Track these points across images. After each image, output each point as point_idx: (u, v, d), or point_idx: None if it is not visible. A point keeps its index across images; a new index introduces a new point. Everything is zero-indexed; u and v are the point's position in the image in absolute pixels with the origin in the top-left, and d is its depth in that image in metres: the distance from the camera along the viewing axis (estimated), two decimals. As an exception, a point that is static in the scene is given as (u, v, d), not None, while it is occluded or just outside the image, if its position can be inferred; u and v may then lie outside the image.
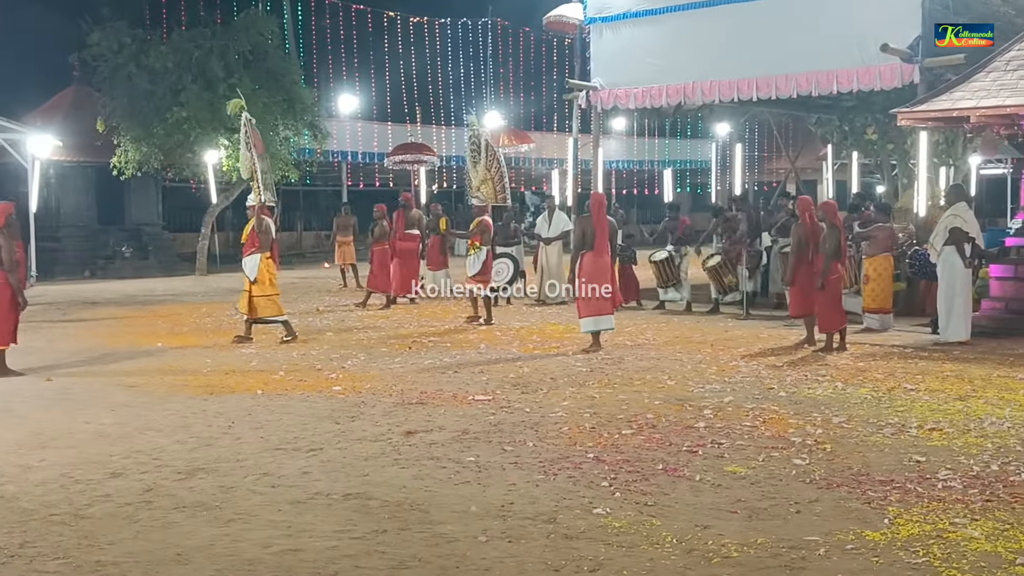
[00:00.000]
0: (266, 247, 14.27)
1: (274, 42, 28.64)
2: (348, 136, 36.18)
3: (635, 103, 20.27)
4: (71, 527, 6.07)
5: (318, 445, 8.04)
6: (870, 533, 5.79)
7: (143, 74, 26.26)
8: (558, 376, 11.07)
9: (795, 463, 7.30)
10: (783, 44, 17.80)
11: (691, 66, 19.02)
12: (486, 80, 45.41)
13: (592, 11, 20.32)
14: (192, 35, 27.28)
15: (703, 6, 18.78)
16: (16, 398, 10.25)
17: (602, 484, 6.78)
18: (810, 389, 10.16)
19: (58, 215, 29.43)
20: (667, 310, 17.38)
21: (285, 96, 27.63)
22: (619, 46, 20.04)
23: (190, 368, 12.04)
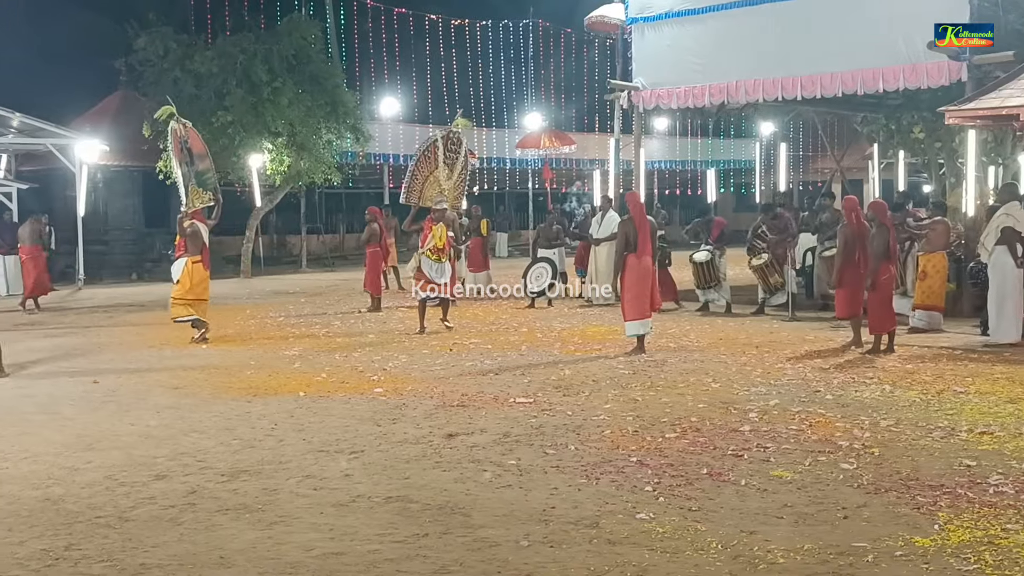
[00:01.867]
0: (194, 252, 14.66)
1: (317, 46, 28.79)
2: (390, 138, 36.32)
3: (677, 103, 20.14)
4: (116, 529, 6.08)
5: (360, 447, 8.03)
6: (920, 539, 5.67)
7: (188, 78, 26.51)
8: (600, 379, 10.98)
9: (842, 467, 7.18)
10: (828, 42, 17.60)
11: (734, 65, 18.86)
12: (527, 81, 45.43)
13: (634, 11, 20.21)
14: (237, 40, 27.52)
15: (746, 5, 18.60)
16: (63, 400, 10.34)
17: (646, 488, 6.70)
18: (857, 392, 10.01)
19: (105, 219, 29.78)
20: (710, 311, 17.23)
21: (328, 99, 27.81)
22: (661, 46, 19.92)
23: (234, 370, 12.10)
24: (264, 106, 26.26)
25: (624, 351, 12.92)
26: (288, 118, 26.62)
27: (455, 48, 43.09)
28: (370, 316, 18.02)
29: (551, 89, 45.58)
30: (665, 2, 19.74)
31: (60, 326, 17.33)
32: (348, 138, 29.41)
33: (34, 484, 7.09)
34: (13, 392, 10.93)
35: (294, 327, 16.54)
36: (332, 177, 29.14)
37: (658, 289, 13.54)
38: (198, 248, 14.79)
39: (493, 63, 44.28)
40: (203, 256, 14.88)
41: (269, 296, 22.45)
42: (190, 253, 14.74)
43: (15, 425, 9.15)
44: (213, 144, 26.18)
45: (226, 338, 15.25)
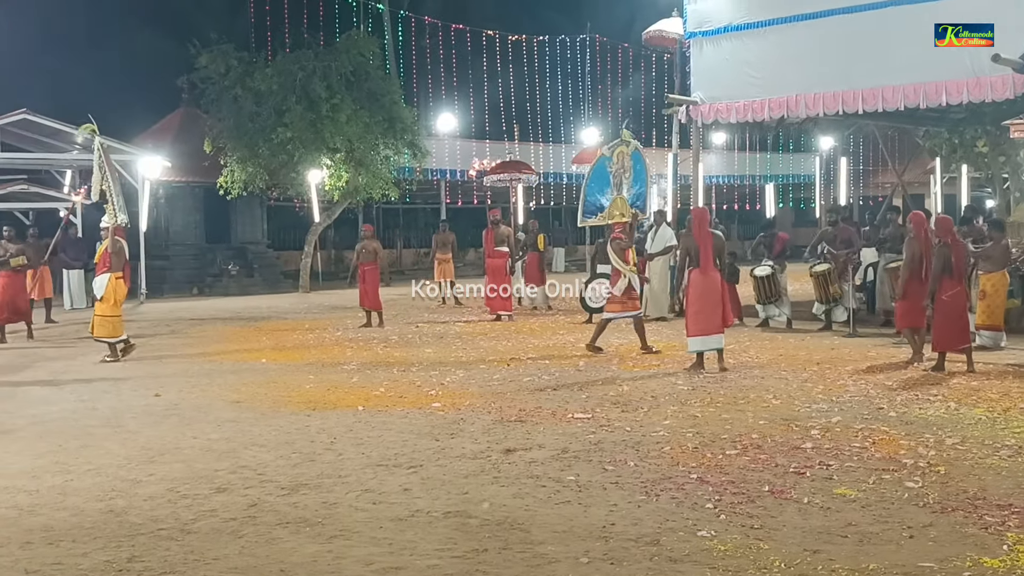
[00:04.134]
0: (117, 268, 14.75)
1: (375, 62, 28.99)
2: (447, 154, 36.50)
3: (736, 117, 20.00)
4: (178, 542, 6.13)
5: (418, 462, 8.03)
6: (988, 560, 5.56)
7: (249, 96, 26.84)
8: (659, 394, 10.90)
9: (907, 486, 7.06)
10: (889, 55, 17.39)
11: (794, 79, 18.70)
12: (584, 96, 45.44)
13: (692, 25, 20.13)
14: (296, 57, 27.80)
15: (805, 18, 18.44)
16: (127, 414, 10.48)
17: (706, 506, 6.63)
18: (921, 409, 9.84)
19: (167, 234, 30.19)
20: (770, 327, 17.07)
21: (385, 116, 27.99)
22: (720, 60, 19.81)
23: (293, 384, 12.18)
24: (323, 122, 26.49)
25: (681, 366, 12.84)
26: (346, 134, 26.82)
27: (512, 63, 43.26)
28: (427, 330, 18.06)
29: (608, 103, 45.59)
30: (724, 16, 19.65)
31: (123, 340, 17.58)
32: (406, 154, 29.57)
33: (97, 496, 7.18)
34: (77, 405, 11.09)
35: (352, 341, 16.62)
36: (389, 192, 29.33)
37: (730, 305, 13.34)
38: (122, 264, 14.94)
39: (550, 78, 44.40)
40: (124, 272, 15.04)
41: (327, 311, 22.60)
42: (114, 269, 14.78)
43: (79, 438, 9.28)
44: (272, 160, 26.59)
45: (285, 352, 15.37)
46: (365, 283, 19.07)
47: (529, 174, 28.60)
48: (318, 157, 27.00)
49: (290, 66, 27.19)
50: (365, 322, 19.02)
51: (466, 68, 42.39)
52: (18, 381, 13.08)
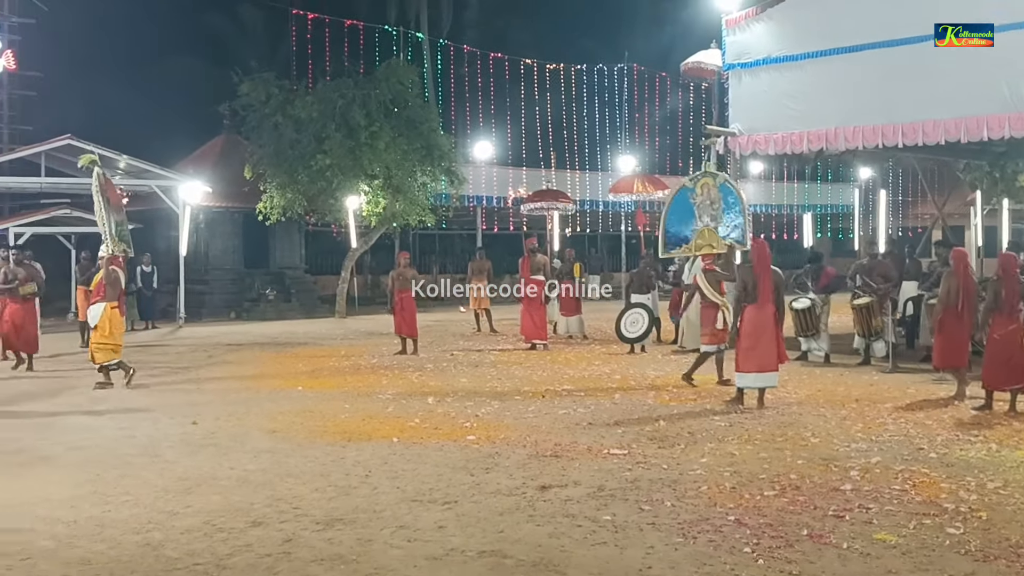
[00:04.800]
0: (112, 297, 14.83)
1: (414, 90, 29.11)
2: (483, 181, 36.56)
3: (775, 149, 19.93)
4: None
5: (453, 497, 8.00)
6: (1032, 612, 5.46)
7: (289, 123, 27.05)
8: (696, 431, 10.80)
9: (948, 532, 6.94)
10: (930, 88, 17.27)
11: (833, 111, 18.62)
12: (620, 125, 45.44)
13: (731, 57, 20.11)
14: (336, 85, 28.01)
15: (845, 51, 18.35)
16: (164, 442, 10.52)
17: (744, 550, 6.54)
18: (962, 450, 9.69)
19: (206, 259, 30.41)
20: (808, 361, 16.89)
21: (423, 143, 28.11)
22: (759, 92, 19.76)
23: (329, 413, 12.20)
24: (361, 150, 26.63)
25: (719, 402, 12.74)
26: (384, 161, 26.95)
27: (549, 92, 43.34)
28: (462, 358, 18.05)
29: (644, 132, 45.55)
30: (763, 48, 19.61)
31: (160, 365, 17.66)
32: (443, 180, 29.65)
33: (135, 528, 7.19)
34: (115, 432, 11.15)
35: (387, 369, 16.63)
36: (426, 219, 29.40)
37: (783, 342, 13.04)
38: (116, 294, 15.03)
39: (587, 106, 44.47)
40: (119, 302, 15.13)
41: (363, 337, 22.65)
42: (108, 298, 14.91)
43: (117, 467, 9.32)
44: (311, 187, 26.77)
45: (321, 380, 15.40)
46: (403, 311, 19.12)
47: (566, 203, 28.62)
48: (356, 184, 27.13)
49: (330, 94, 27.39)
50: (400, 349, 19.05)
51: (504, 96, 42.55)
52: (55, 409, 13.14)
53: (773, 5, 19.61)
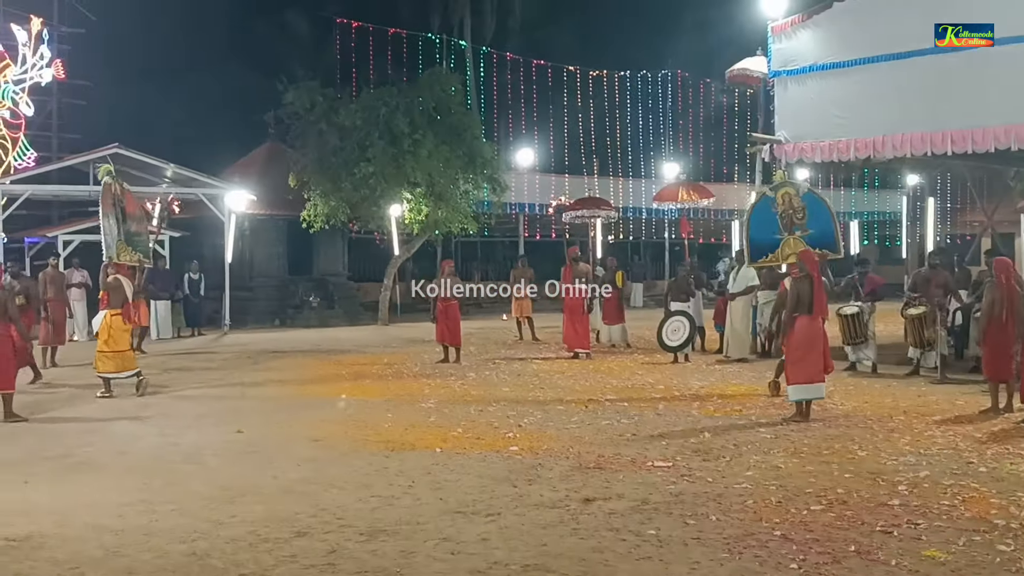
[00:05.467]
0: (114, 305, 14.90)
1: (457, 98, 29.21)
2: (526, 188, 36.65)
3: (821, 156, 19.78)
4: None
5: (496, 509, 7.98)
6: (1086, 633, 5.36)
7: (333, 131, 27.20)
8: (741, 443, 10.70)
9: (999, 549, 6.82)
10: (979, 96, 17.09)
11: (880, 119, 18.47)
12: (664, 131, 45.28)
13: (777, 64, 20.00)
14: (380, 93, 28.17)
15: (892, 58, 18.20)
16: (207, 450, 10.59)
17: (791, 566, 6.46)
18: (1013, 465, 9.52)
19: (251, 266, 30.63)
20: (856, 372, 16.70)
21: (466, 151, 28.17)
22: (805, 99, 19.65)
23: (371, 422, 12.21)
24: (404, 157, 26.72)
25: (763, 413, 12.64)
26: (427, 169, 27.01)
27: (592, 98, 43.32)
28: (504, 367, 18.03)
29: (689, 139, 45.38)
30: (809, 55, 19.50)
31: (207, 371, 17.82)
32: (485, 188, 29.68)
33: (180, 538, 7.23)
34: (160, 440, 11.24)
35: (429, 377, 16.64)
36: (468, 226, 29.44)
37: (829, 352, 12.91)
38: (119, 301, 15.04)
39: (630, 113, 44.38)
40: (124, 309, 15.07)
41: (406, 344, 22.69)
42: (111, 306, 15.02)
43: (163, 475, 9.39)
44: (354, 194, 26.89)
45: (364, 387, 15.44)
46: (448, 319, 19.14)
47: (608, 211, 28.52)
48: (399, 191, 27.24)
49: (374, 102, 27.52)
50: (443, 357, 19.07)
51: (547, 103, 42.58)
52: (100, 415, 13.28)
53: (820, 12, 19.50)
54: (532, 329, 23.63)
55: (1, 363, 13.17)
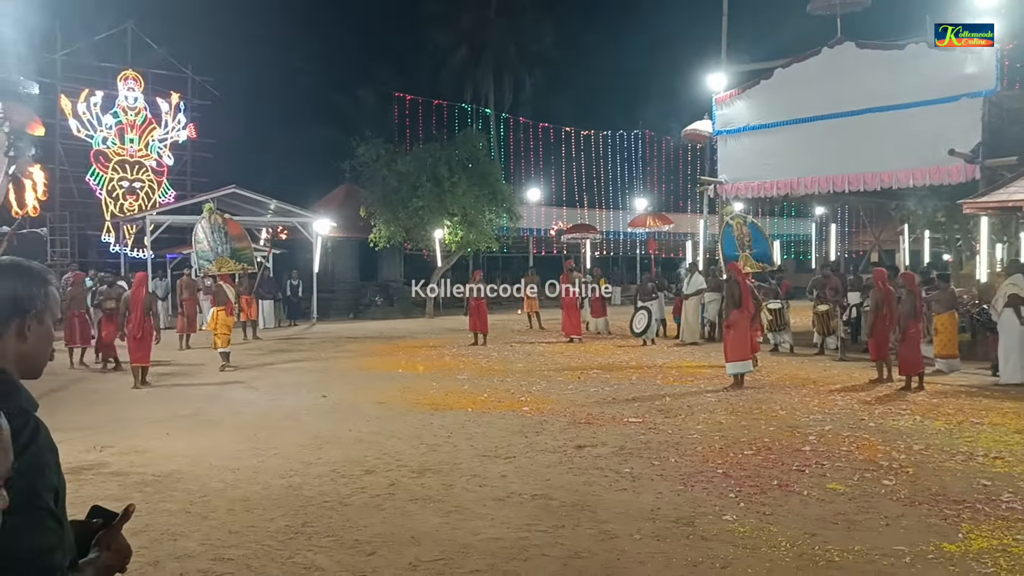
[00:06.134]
0: (220, 303, 15.20)
1: (483, 150, 29.14)
2: (534, 217, 36.51)
3: (752, 193, 19.78)
4: (338, 512, 6.18)
5: (512, 454, 7.99)
6: (947, 545, 5.35)
7: (392, 176, 27.16)
8: (693, 404, 10.70)
9: (884, 483, 6.82)
10: (869, 149, 17.06)
11: (796, 166, 18.47)
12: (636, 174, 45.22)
13: (719, 126, 20.00)
14: (427, 147, 28.12)
15: (805, 121, 18.18)
16: (302, 411, 10.60)
17: (730, 495, 6.48)
18: (894, 421, 9.50)
19: (332, 274, 30.63)
20: (778, 352, 16.64)
21: (490, 190, 28.09)
22: (740, 151, 19.64)
23: (421, 390, 12.21)
24: (445, 195, 26.69)
25: (709, 383, 12.59)
26: (462, 203, 26.98)
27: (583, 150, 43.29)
28: (518, 348, 18.01)
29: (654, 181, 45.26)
30: (743, 119, 19.48)
31: (301, 351, 17.87)
32: (504, 217, 29.57)
33: (281, 475, 7.28)
34: (267, 403, 11.26)
35: (463, 357, 16.60)
36: (492, 245, 29.40)
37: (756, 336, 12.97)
38: (223, 301, 15.30)
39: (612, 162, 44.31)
40: (227, 306, 15.28)
41: (446, 333, 22.66)
42: (217, 304, 15.38)
43: (268, 429, 9.43)
44: (408, 222, 26.85)
45: (415, 364, 15.43)
46: (478, 313, 19.15)
47: (595, 234, 28.48)
48: (441, 220, 27.20)
49: (422, 154, 27.49)
50: (473, 342, 19.04)
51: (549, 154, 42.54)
52: (222, 382, 13.34)
53: (751, 87, 19.48)
54: (539, 321, 23.55)
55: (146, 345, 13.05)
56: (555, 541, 5.49)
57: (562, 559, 5.18)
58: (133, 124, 30.27)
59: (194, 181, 32.88)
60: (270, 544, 5.49)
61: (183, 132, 31.57)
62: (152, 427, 9.61)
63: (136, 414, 10.49)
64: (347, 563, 5.16)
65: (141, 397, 12.00)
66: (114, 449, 8.34)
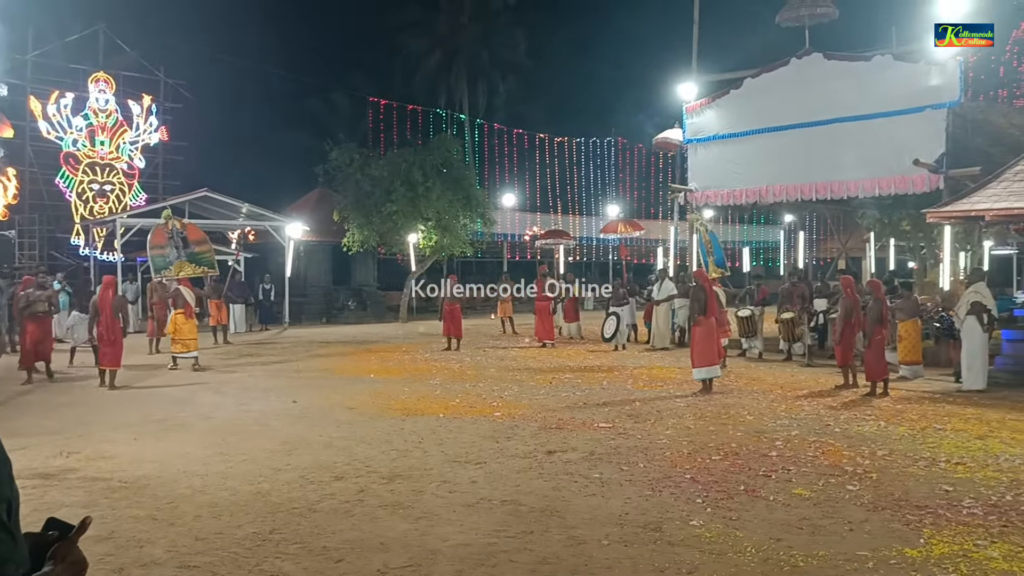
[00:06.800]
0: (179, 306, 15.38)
1: (457, 156, 29.05)
2: (508, 222, 36.51)
3: (722, 201, 19.91)
4: (306, 518, 6.12)
5: (483, 459, 7.96)
6: (909, 550, 5.39)
7: (366, 180, 27.02)
8: (662, 410, 10.72)
9: (849, 488, 6.88)
10: (836, 158, 17.22)
11: (765, 174, 18.59)
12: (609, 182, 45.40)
13: (690, 134, 20.10)
14: (401, 152, 28.03)
15: (774, 130, 18.33)
16: (272, 416, 10.50)
17: (697, 500, 6.50)
18: (859, 426, 9.59)
19: (305, 279, 30.42)
20: (747, 357, 16.76)
21: (464, 194, 28.02)
22: (710, 159, 19.74)
23: (393, 395, 12.14)
24: (419, 199, 26.58)
25: (679, 388, 12.63)
26: (436, 208, 26.88)
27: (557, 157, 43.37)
28: (491, 353, 17.98)
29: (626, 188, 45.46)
30: (713, 128, 19.59)
31: (272, 356, 17.71)
32: (478, 222, 29.52)
33: (249, 480, 7.21)
34: (237, 408, 11.14)
35: (436, 362, 16.56)
36: (466, 250, 29.34)
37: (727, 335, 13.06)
38: (181, 304, 15.41)
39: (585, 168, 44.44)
40: (186, 310, 15.39)
41: (419, 337, 22.60)
42: (176, 307, 15.47)
43: (237, 433, 9.34)
44: (382, 226, 26.75)
45: (387, 369, 15.34)
46: (452, 317, 19.08)
47: (568, 240, 28.56)
48: (415, 224, 27.09)
49: (396, 159, 27.36)
50: (447, 347, 18.99)
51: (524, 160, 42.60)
52: (191, 388, 13.17)
53: (721, 96, 19.61)
54: (512, 325, 23.58)
55: (116, 348, 13.08)
56: (523, 547, 5.47)
57: (530, 565, 5.17)
58: (104, 126, 29.88)
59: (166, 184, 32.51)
60: (237, 551, 5.43)
61: (155, 135, 31.21)
62: (120, 432, 9.48)
63: (104, 418, 10.35)
64: (314, 570, 5.11)
65: (110, 401, 11.84)
66: (81, 455, 8.22)
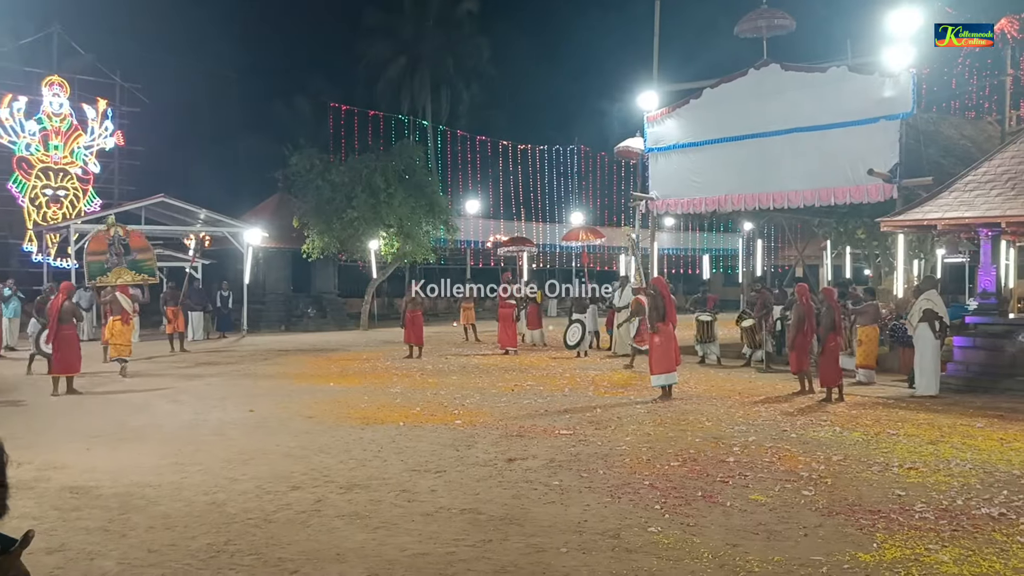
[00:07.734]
0: (115, 312, 15.45)
1: (420, 162, 29.00)
2: (471, 229, 36.46)
3: (682, 209, 20.09)
4: (262, 530, 6.05)
5: (442, 468, 7.93)
6: (862, 555, 5.46)
7: (327, 186, 26.86)
8: (623, 416, 10.77)
9: (804, 494, 6.96)
10: (793, 168, 17.48)
11: (723, 183, 18.80)
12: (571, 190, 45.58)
13: (650, 143, 20.26)
14: (362, 158, 27.90)
15: (732, 140, 18.56)
16: (228, 425, 10.37)
17: (655, 507, 6.53)
18: (815, 432, 9.72)
19: (264, 286, 30.09)
20: (705, 363, 16.91)
21: (427, 201, 27.97)
22: (670, 168, 19.91)
23: (352, 403, 12.05)
24: (381, 206, 26.47)
25: (639, 394, 12.70)
26: (398, 214, 26.79)
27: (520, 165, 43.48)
28: (453, 361, 17.93)
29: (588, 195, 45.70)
30: (673, 137, 19.77)
31: (229, 364, 17.49)
32: (441, 228, 29.48)
33: (204, 491, 7.10)
34: (192, 417, 10.98)
35: (397, 370, 16.47)
36: (429, 257, 29.28)
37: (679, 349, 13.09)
38: (118, 310, 15.45)
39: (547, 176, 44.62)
40: (123, 316, 15.45)
41: (380, 345, 22.47)
42: (113, 314, 15.58)
43: (192, 443, 9.20)
44: (343, 232, 26.58)
45: (347, 377, 15.24)
46: (413, 325, 19.01)
47: (531, 247, 28.60)
48: (377, 230, 26.96)
49: (358, 164, 27.24)
50: (408, 354, 18.91)
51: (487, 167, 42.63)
52: (147, 396, 12.94)
53: (681, 106, 19.80)
54: (475, 333, 23.56)
55: (71, 353, 12.87)
56: (482, 555, 5.45)
57: (488, 574, 5.15)
58: (58, 130, 29.34)
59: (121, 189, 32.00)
60: (190, 563, 5.34)
61: (110, 139, 30.71)
62: (72, 441, 9.29)
63: (56, 427, 10.15)
64: (270, 581, 5.04)
65: (62, 409, 11.60)
66: (31, 465, 8.03)
